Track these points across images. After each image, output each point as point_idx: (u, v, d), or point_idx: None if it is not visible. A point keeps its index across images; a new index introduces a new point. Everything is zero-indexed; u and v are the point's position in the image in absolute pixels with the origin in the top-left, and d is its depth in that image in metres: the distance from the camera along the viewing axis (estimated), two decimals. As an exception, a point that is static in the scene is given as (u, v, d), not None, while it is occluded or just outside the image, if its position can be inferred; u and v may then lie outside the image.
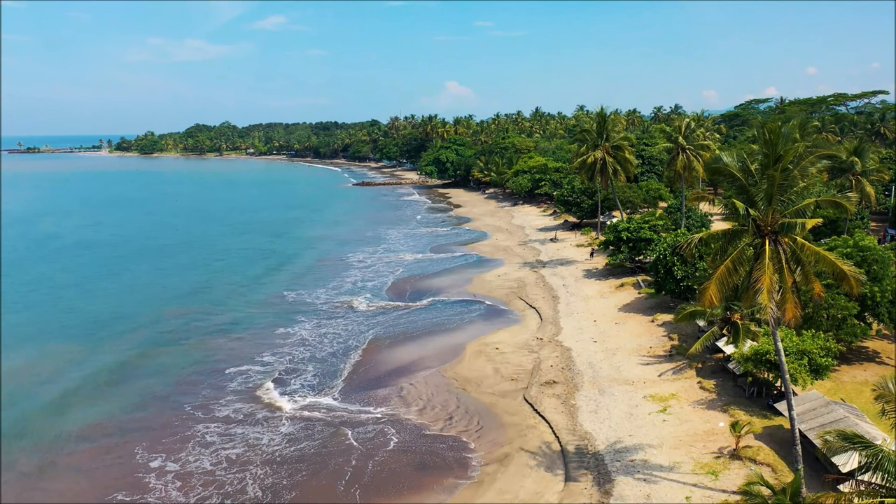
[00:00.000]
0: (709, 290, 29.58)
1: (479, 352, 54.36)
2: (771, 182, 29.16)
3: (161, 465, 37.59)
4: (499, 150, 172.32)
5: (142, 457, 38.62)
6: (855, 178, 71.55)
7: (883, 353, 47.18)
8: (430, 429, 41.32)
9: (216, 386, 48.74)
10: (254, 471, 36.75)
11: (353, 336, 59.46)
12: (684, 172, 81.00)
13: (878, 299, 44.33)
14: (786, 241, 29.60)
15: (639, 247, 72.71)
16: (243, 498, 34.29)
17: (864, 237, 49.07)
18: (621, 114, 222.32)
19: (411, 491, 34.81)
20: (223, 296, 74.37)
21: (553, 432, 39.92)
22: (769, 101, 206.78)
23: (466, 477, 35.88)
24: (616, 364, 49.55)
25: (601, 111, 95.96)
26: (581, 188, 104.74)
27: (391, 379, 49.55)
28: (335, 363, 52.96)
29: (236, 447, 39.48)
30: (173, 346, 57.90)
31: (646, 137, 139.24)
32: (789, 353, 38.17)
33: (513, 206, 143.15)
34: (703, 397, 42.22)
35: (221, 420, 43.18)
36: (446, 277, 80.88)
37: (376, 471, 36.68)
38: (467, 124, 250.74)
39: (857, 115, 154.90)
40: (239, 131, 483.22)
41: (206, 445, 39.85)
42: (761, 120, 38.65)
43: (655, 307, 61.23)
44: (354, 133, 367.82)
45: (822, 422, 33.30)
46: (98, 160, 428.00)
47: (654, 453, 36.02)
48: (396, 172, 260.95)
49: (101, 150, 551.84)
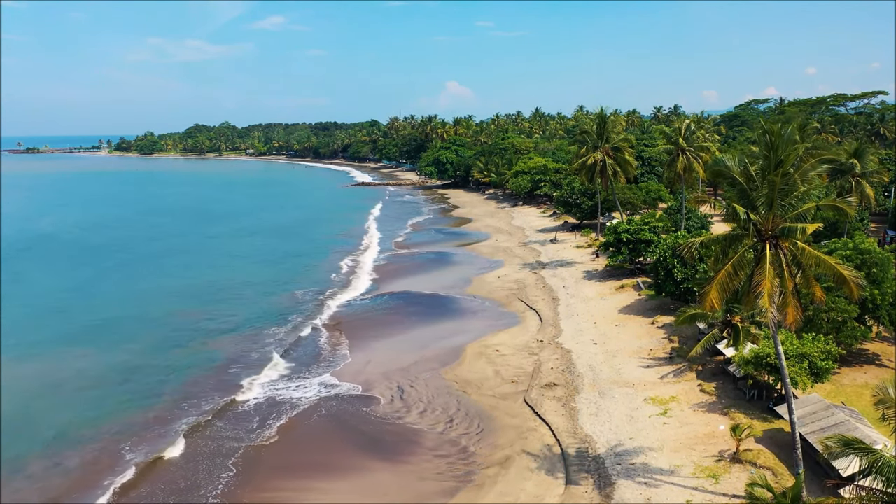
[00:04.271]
0: (710, 293, 29.60)
1: (479, 354, 54.38)
2: (772, 186, 29.19)
3: (165, 466, 37.61)
4: (498, 151, 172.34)
5: (144, 458, 38.60)
6: (855, 180, 71.58)
7: (883, 356, 47.23)
8: (430, 431, 41.34)
9: (220, 388, 48.78)
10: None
11: (350, 332, 59.59)
12: (684, 174, 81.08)
13: (878, 302, 44.37)
14: (786, 245, 29.62)
15: (639, 248, 72.73)
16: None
17: (864, 240, 49.11)
18: (621, 114, 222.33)
19: (411, 492, 34.81)
20: (221, 297, 74.36)
21: (553, 435, 39.95)
22: (769, 102, 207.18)
23: (467, 480, 35.89)
24: (616, 366, 49.58)
25: (601, 112, 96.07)
26: (581, 189, 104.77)
27: (391, 379, 49.55)
28: (328, 357, 53.11)
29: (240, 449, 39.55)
30: (178, 347, 57.74)
31: (645, 138, 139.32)
32: (790, 357, 38.20)
33: (513, 207, 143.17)
34: (704, 400, 42.25)
35: (224, 419, 43.24)
36: (446, 278, 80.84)
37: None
38: (467, 125, 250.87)
39: (856, 116, 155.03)
40: (238, 131, 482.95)
41: (214, 445, 39.91)
42: (762, 122, 38.44)
43: (655, 309, 61.26)
44: (354, 133, 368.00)
45: (823, 425, 33.34)
46: (98, 160, 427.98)
47: (654, 456, 36.04)
48: (396, 173, 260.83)
49: (100, 151, 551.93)
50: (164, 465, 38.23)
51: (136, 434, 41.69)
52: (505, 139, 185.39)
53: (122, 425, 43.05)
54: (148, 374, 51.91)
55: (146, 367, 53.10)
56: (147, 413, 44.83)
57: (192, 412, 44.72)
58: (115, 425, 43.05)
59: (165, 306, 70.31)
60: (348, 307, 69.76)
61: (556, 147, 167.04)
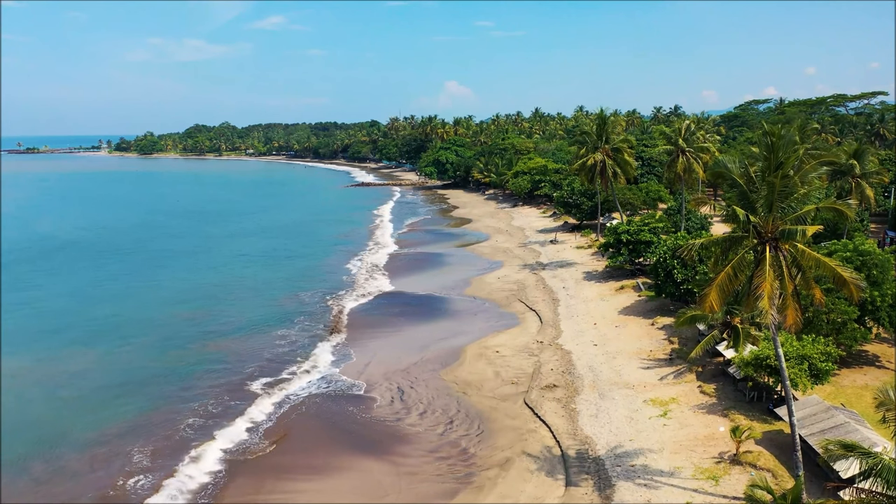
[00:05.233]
0: (710, 295, 29.63)
1: (479, 355, 54.38)
2: (771, 188, 29.20)
3: (166, 467, 37.62)
4: (498, 151, 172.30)
5: (146, 458, 38.63)
6: (854, 181, 71.60)
7: (883, 357, 47.26)
8: (431, 432, 41.36)
9: (224, 389, 48.77)
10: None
11: (351, 333, 59.55)
12: (684, 175, 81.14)
13: (878, 304, 44.38)
14: (786, 247, 29.64)
15: (639, 249, 72.74)
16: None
17: (863, 241, 49.14)
18: (621, 115, 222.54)
19: (412, 493, 34.82)
20: (225, 298, 74.37)
21: (554, 436, 39.96)
22: (769, 102, 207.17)
23: (467, 481, 35.88)
24: (616, 367, 49.59)
25: (601, 113, 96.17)
26: (581, 190, 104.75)
27: (391, 380, 49.54)
28: (329, 357, 53.14)
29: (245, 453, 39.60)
30: (181, 348, 57.68)
31: (645, 138, 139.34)
32: (790, 358, 38.21)
33: (512, 208, 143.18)
34: (704, 401, 42.26)
35: (225, 420, 43.26)
36: (446, 279, 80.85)
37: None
38: (467, 125, 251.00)
39: (856, 116, 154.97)
40: (238, 132, 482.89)
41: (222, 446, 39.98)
42: (763, 124, 38.65)
43: (655, 310, 61.27)
44: (354, 133, 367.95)
45: (823, 427, 33.36)
46: (97, 161, 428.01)
47: (654, 458, 36.06)
48: (395, 173, 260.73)
49: (100, 151, 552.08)
50: (171, 465, 38.18)
51: (144, 436, 41.62)
52: (505, 139, 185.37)
53: (129, 426, 43.02)
54: (154, 374, 51.90)
55: (153, 368, 53.10)
56: (153, 414, 44.84)
57: (195, 412, 44.72)
58: (121, 427, 43.03)
59: (169, 308, 70.27)
60: (348, 308, 69.72)
61: (556, 147, 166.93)
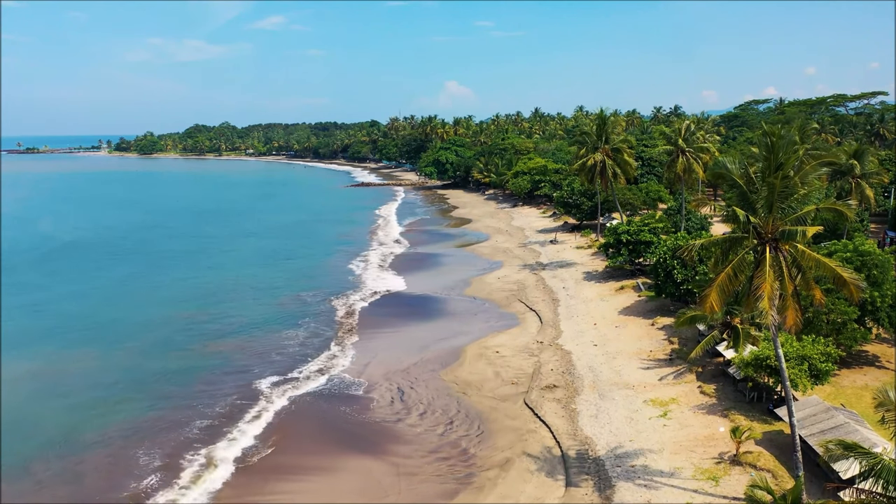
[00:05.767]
0: (710, 296, 29.65)
1: (479, 355, 54.39)
2: (771, 189, 29.22)
3: (171, 468, 37.65)
4: (498, 151, 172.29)
5: (150, 459, 38.65)
6: (854, 181, 71.63)
7: (883, 357, 47.27)
8: (431, 433, 41.37)
9: (226, 389, 48.78)
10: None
11: (351, 334, 59.59)
12: (684, 175, 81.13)
13: (878, 304, 44.37)
14: (786, 247, 29.65)
15: (639, 249, 72.76)
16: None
17: (863, 241, 49.14)
18: (621, 115, 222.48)
19: (412, 494, 34.84)
20: (228, 299, 74.40)
21: (554, 437, 39.97)
22: (769, 102, 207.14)
23: (467, 482, 35.89)
24: (616, 368, 49.60)
25: (601, 113, 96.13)
26: (581, 190, 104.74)
27: (391, 380, 49.55)
28: (329, 357, 53.15)
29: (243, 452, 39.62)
30: (183, 349, 57.65)
31: (645, 138, 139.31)
32: (790, 359, 38.23)
33: (512, 208, 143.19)
34: (704, 402, 42.27)
35: (225, 420, 43.28)
36: (445, 279, 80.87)
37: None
38: (467, 125, 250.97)
39: (856, 117, 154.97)
40: (238, 132, 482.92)
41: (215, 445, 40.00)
42: (763, 125, 38.73)
43: (655, 310, 61.28)
44: (354, 133, 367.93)
45: (823, 427, 33.37)
46: (97, 161, 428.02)
47: (654, 458, 36.08)
48: (395, 173, 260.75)
49: (100, 151, 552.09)
50: (174, 466, 38.18)
51: (147, 437, 41.60)
52: (505, 139, 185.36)
53: (132, 428, 43.01)
54: (157, 375, 51.91)
55: (156, 369, 53.10)
56: (156, 415, 44.84)
57: (197, 413, 44.74)
58: (124, 428, 43.05)
59: (170, 308, 70.25)
60: (349, 308, 69.71)
61: (556, 147, 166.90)
